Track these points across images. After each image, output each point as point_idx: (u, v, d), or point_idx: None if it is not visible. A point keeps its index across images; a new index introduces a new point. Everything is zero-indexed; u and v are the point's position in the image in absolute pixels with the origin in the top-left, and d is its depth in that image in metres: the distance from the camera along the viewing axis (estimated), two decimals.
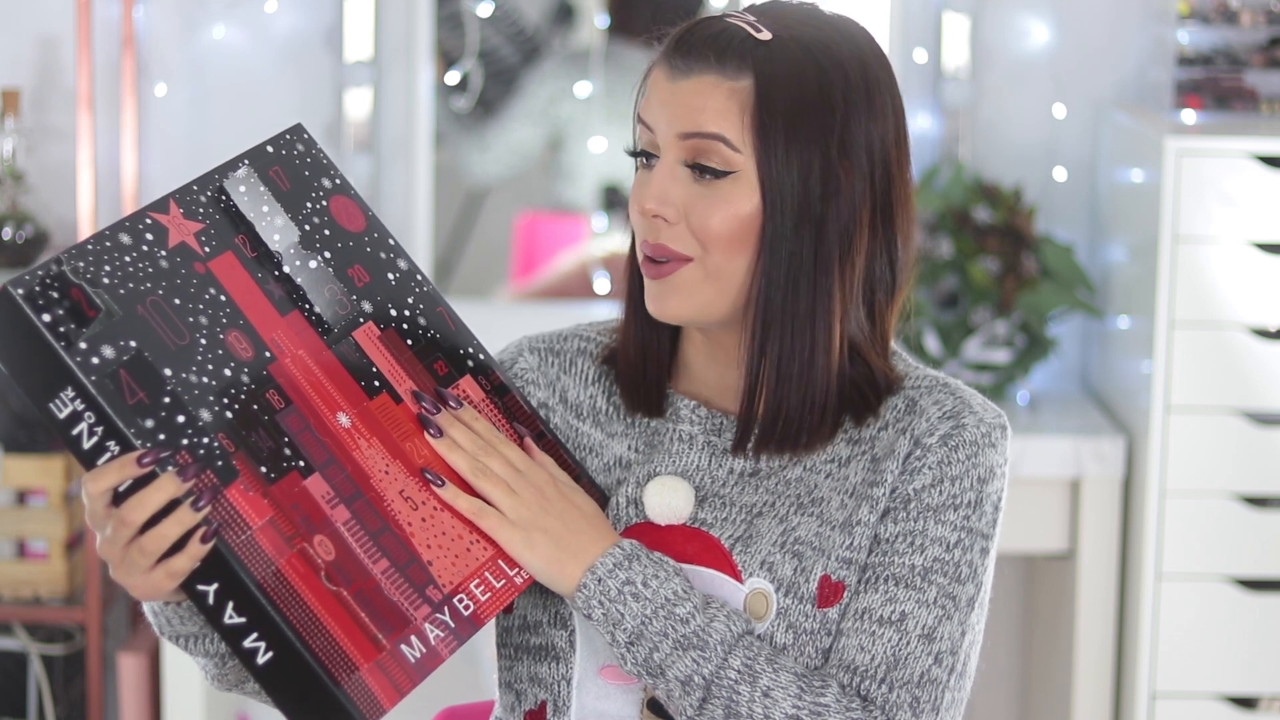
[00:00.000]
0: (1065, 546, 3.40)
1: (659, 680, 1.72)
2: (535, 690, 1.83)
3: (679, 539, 1.81)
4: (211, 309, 1.69)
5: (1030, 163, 3.67)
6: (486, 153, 3.85)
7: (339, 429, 1.71)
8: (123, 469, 1.59)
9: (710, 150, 1.74)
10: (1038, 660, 3.69)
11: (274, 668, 1.62)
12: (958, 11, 3.64)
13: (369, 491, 1.70)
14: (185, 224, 1.71)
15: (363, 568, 1.67)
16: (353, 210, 1.82)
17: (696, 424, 1.84)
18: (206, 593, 1.62)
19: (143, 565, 1.61)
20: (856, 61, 1.76)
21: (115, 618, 3.73)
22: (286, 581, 1.62)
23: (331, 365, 1.74)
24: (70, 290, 1.61)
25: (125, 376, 1.61)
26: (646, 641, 1.71)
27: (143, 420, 1.60)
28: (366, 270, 1.80)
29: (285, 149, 1.80)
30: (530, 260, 3.92)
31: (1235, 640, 3.27)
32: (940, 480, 1.79)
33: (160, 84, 3.63)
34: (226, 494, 1.62)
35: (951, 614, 1.77)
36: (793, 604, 1.77)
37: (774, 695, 1.71)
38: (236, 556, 1.61)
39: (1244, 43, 3.52)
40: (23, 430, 3.50)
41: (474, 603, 1.72)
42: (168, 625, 1.75)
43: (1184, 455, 3.24)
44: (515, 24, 3.87)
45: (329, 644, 1.62)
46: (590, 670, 1.80)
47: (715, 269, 1.76)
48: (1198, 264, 3.21)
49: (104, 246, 1.65)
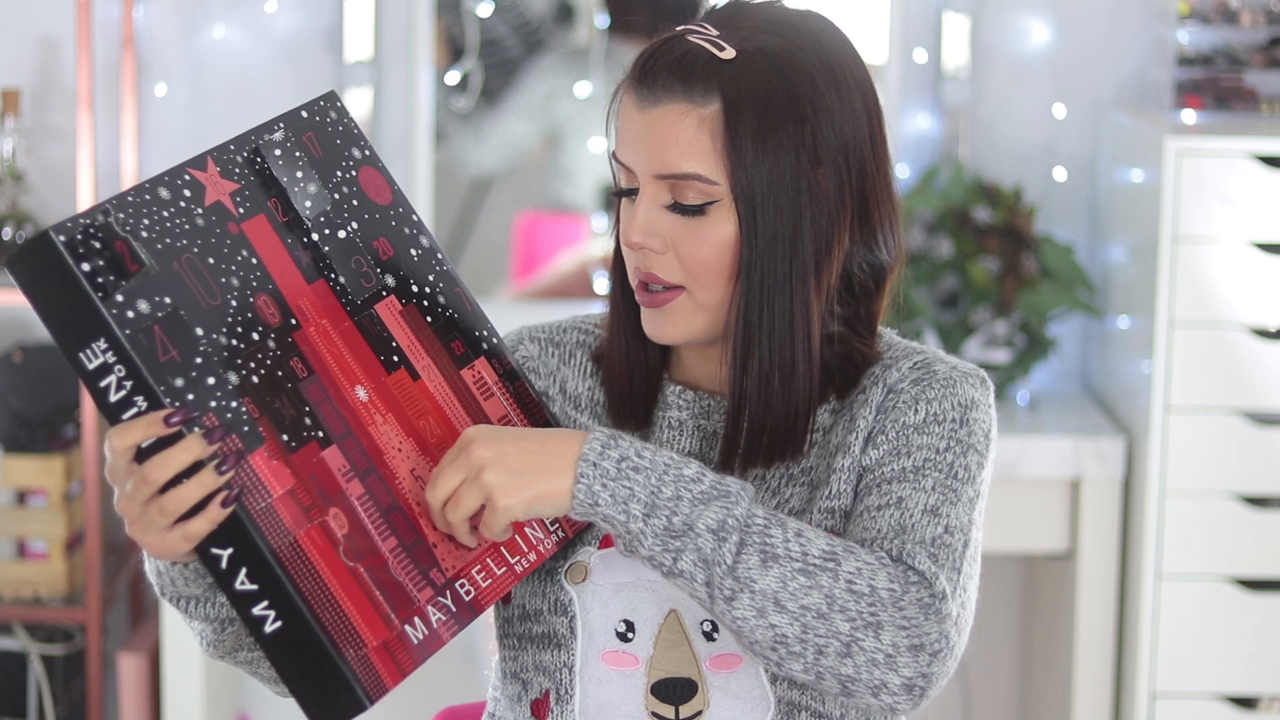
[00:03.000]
0: (1065, 546, 3.40)
1: (687, 541, 1.66)
2: (540, 679, 1.84)
3: None
4: (243, 271, 1.67)
5: (1030, 163, 3.67)
6: (482, 143, 3.84)
7: (357, 402, 1.70)
8: (149, 426, 1.58)
9: (686, 188, 1.75)
10: (1038, 660, 3.69)
11: (281, 637, 1.61)
12: (958, 11, 3.64)
13: (382, 468, 1.70)
14: (222, 183, 1.69)
15: (373, 544, 1.66)
16: (380, 183, 1.81)
17: (685, 409, 1.86)
18: (220, 556, 1.61)
19: (160, 524, 1.61)
20: (823, 65, 1.75)
21: (115, 618, 3.73)
22: (303, 552, 1.61)
23: (353, 336, 1.73)
24: (114, 242, 1.59)
25: (159, 333, 1.59)
26: (663, 509, 1.67)
27: (173, 379, 1.59)
28: (391, 244, 1.79)
29: (319, 115, 1.78)
30: (530, 260, 3.92)
31: (1235, 640, 3.27)
32: (917, 402, 1.79)
33: (160, 84, 3.63)
34: (250, 460, 1.61)
35: (954, 501, 1.75)
36: None
37: (806, 535, 1.67)
38: (255, 523, 1.60)
39: (1244, 43, 3.52)
40: (23, 430, 3.50)
41: (475, 588, 1.72)
42: (170, 586, 1.74)
43: (1184, 455, 3.24)
44: (521, 15, 3.87)
45: (340, 618, 1.61)
46: (592, 655, 1.81)
47: (707, 299, 1.78)
48: (1198, 264, 3.21)
49: (144, 199, 1.63)
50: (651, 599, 1.80)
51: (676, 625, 1.80)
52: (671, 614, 1.80)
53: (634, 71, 1.77)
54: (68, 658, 3.52)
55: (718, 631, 1.79)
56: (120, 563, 3.60)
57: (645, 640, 1.80)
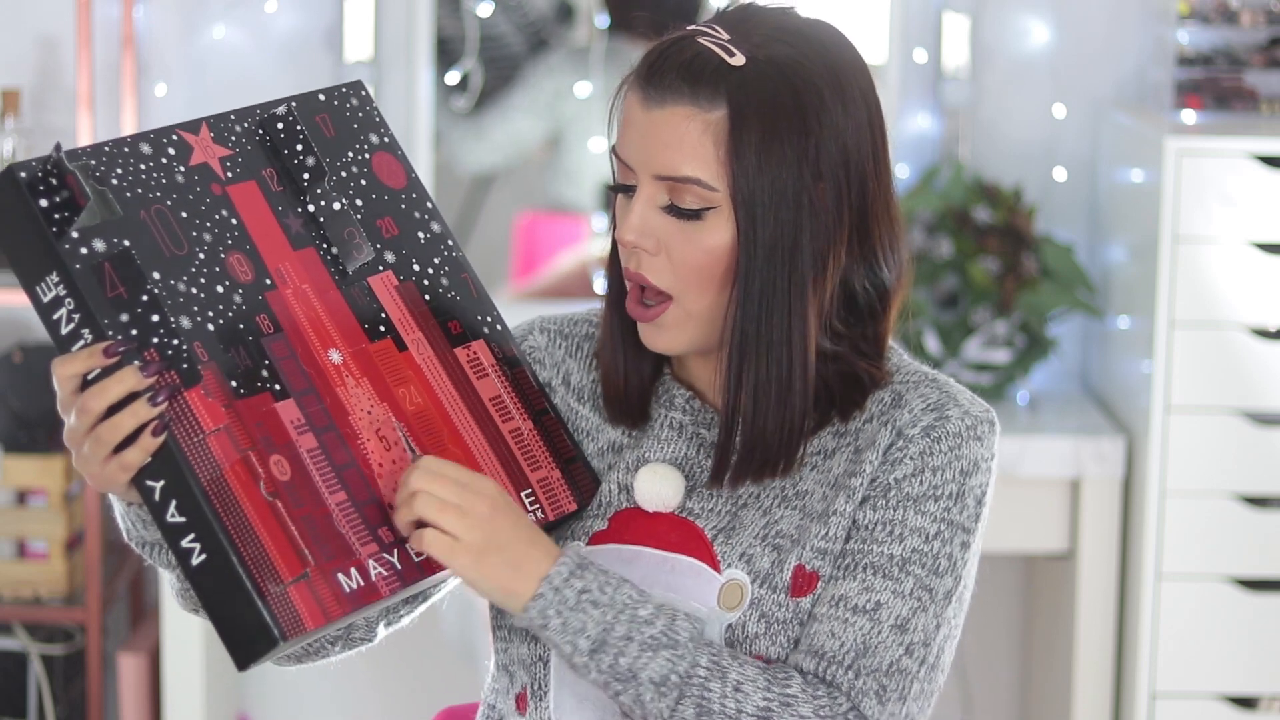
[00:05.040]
0: (1065, 546, 3.40)
1: (628, 685, 1.71)
2: (520, 673, 1.84)
3: (664, 527, 1.82)
4: (218, 229, 1.73)
5: (1030, 163, 3.67)
6: (482, 141, 3.84)
7: (327, 363, 1.74)
8: (90, 357, 1.64)
9: (685, 192, 1.74)
10: (1038, 660, 3.69)
11: (205, 570, 1.64)
12: (958, 11, 3.64)
13: (344, 427, 1.73)
14: (213, 148, 1.75)
15: (317, 495, 1.68)
16: (396, 169, 1.85)
17: (688, 414, 1.86)
18: (154, 489, 1.65)
19: (99, 455, 1.65)
20: (831, 78, 1.75)
21: (115, 618, 3.73)
22: (227, 486, 1.64)
23: (336, 304, 1.77)
24: (67, 178, 1.65)
25: (109, 269, 1.65)
26: (612, 647, 1.71)
27: (118, 314, 1.65)
28: (396, 224, 1.83)
29: (338, 100, 1.84)
30: (530, 260, 3.92)
31: (1235, 640, 3.27)
32: (921, 470, 1.78)
33: (160, 84, 3.63)
34: (186, 395, 1.65)
35: (927, 606, 1.77)
36: (767, 594, 1.77)
37: (744, 689, 1.71)
38: (184, 456, 1.63)
39: (1244, 43, 3.52)
40: (23, 430, 3.50)
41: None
42: (134, 529, 1.78)
43: (1184, 455, 3.24)
44: (524, 13, 3.86)
45: (259, 553, 1.64)
46: None
47: (696, 309, 1.77)
48: (1198, 264, 3.21)
49: (121, 151, 1.69)
50: None
51: None
52: None
53: (641, 69, 1.77)
54: (68, 658, 3.52)
55: None
56: (120, 563, 3.60)
57: None
